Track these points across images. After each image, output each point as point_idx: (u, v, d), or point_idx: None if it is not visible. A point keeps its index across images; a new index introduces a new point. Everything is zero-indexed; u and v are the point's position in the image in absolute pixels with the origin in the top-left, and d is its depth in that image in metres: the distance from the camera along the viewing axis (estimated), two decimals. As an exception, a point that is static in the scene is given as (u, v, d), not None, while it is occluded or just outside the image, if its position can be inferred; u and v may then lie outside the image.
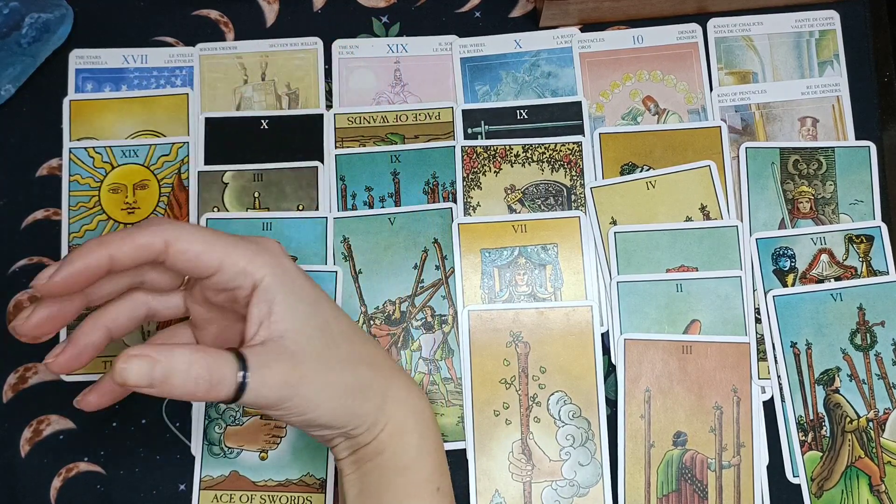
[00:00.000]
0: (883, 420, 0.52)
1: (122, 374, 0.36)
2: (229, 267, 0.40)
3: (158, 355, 0.37)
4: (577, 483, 0.51)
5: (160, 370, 0.36)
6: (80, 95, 0.56)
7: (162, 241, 0.39)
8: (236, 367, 0.38)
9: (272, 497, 0.51)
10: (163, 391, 0.37)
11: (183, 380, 0.37)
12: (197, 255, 0.39)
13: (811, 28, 0.57)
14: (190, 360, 0.37)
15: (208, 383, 0.37)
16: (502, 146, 0.55)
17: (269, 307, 0.40)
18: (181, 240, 0.39)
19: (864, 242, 0.54)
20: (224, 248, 0.40)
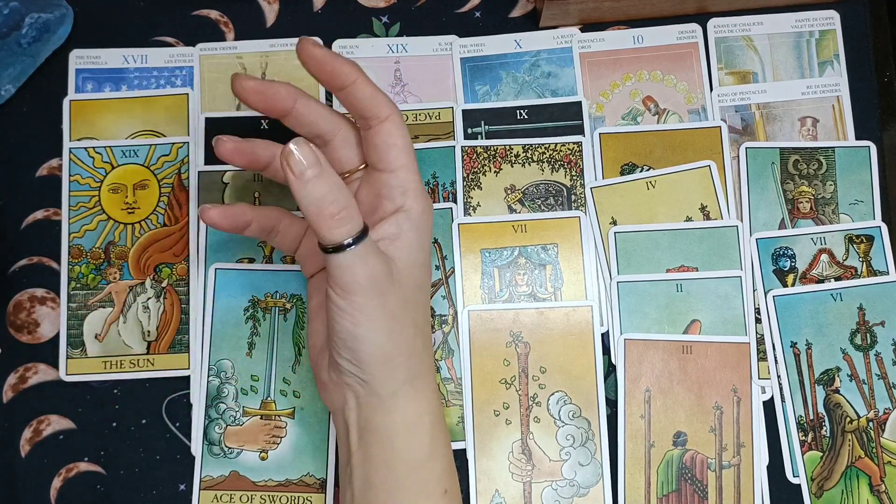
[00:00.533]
0: (883, 420, 0.52)
1: (287, 153, 0.38)
2: (401, 178, 0.43)
3: (324, 162, 0.38)
4: (577, 483, 0.51)
5: (317, 170, 0.38)
6: (80, 95, 0.56)
7: (387, 114, 0.43)
8: (357, 231, 0.39)
9: (272, 497, 0.51)
10: (301, 189, 0.38)
11: (324, 191, 0.38)
12: (392, 145, 0.43)
13: (811, 28, 0.57)
14: (341, 187, 0.39)
15: (337, 211, 0.38)
16: (502, 146, 0.55)
17: (399, 233, 0.43)
18: (397, 125, 0.43)
19: (864, 242, 0.54)
20: (411, 162, 0.43)
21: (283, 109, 0.44)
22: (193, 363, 0.52)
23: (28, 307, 0.54)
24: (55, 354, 0.53)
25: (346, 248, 0.39)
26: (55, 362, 0.52)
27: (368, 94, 0.43)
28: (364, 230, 0.39)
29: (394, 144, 0.43)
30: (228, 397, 0.52)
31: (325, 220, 0.38)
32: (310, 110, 0.45)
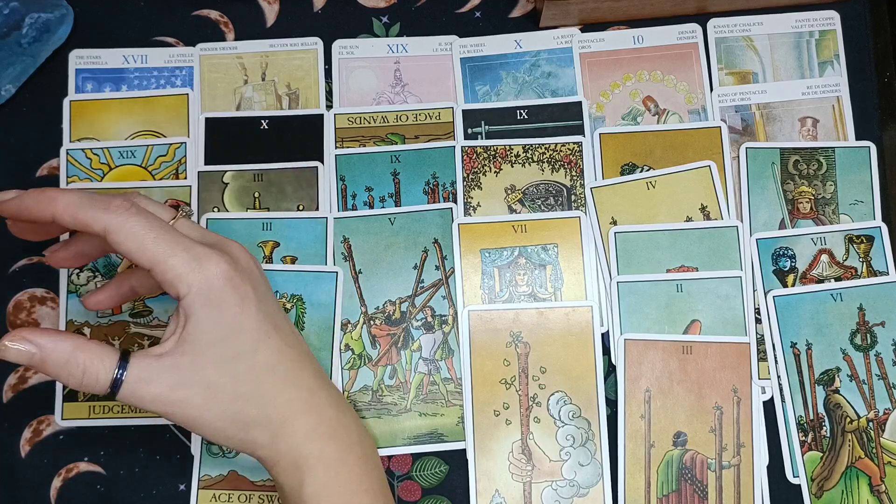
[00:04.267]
0: (883, 420, 0.52)
1: (3, 353, 0.41)
2: (158, 273, 0.41)
3: (43, 342, 0.41)
4: (577, 483, 0.51)
5: (38, 358, 0.41)
6: (80, 95, 0.56)
7: (101, 227, 0.41)
8: (114, 366, 0.41)
9: (270, 497, 0.51)
10: (39, 370, 0.41)
11: (56, 369, 0.41)
12: (128, 251, 0.41)
13: (811, 28, 0.57)
14: (68, 352, 0.41)
15: (79, 380, 0.41)
16: (502, 146, 0.55)
17: (184, 322, 0.42)
18: (117, 233, 0.41)
19: (865, 243, 0.54)
20: (157, 254, 0.41)
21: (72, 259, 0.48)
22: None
23: (28, 307, 0.54)
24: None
25: (119, 386, 0.41)
26: (55, 362, 0.52)
27: (70, 221, 0.42)
28: (122, 361, 0.41)
29: (127, 252, 0.41)
30: (228, 397, 0.52)
31: (79, 387, 0.41)
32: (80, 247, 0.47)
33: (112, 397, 0.41)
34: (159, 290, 0.50)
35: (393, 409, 0.52)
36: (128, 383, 0.41)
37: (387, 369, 0.53)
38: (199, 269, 0.42)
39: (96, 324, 0.53)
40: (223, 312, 0.42)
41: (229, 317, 0.42)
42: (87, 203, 0.42)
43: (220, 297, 0.42)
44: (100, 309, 0.50)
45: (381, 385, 0.52)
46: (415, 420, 0.52)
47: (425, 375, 0.53)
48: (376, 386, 0.52)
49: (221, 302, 0.42)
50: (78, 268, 0.53)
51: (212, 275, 0.42)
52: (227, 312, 0.42)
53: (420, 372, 0.53)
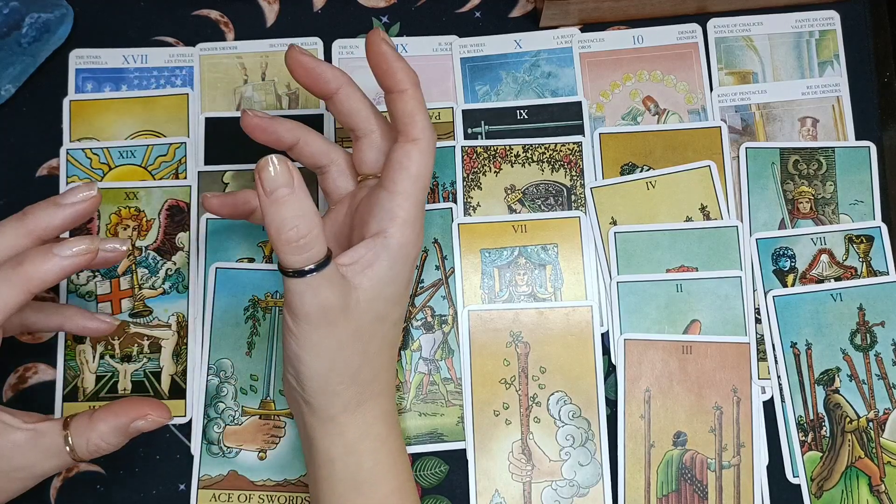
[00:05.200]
0: (883, 420, 0.52)
1: (263, 165, 0.37)
2: (395, 199, 0.42)
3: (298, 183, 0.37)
4: (577, 483, 0.51)
5: (287, 192, 0.37)
6: (80, 95, 0.56)
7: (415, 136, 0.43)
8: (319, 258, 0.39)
9: (270, 497, 0.51)
10: (269, 206, 0.37)
11: (288, 214, 0.37)
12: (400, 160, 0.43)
13: (811, 28, 0.57)
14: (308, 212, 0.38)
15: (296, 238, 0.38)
16: (502, 146, 0.55)
17: (373, 260, 0.42)
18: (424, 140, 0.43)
19: (864, 242, 0.54)
20: (409, 187, 0.42)
21: (328, 91, 0.45)
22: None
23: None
24: (55, 354, 0.52)
25: (302, 276, 0.39)
26: (55, 362, 0.52)
27: (410, 110, 0.43)
28: (325, 260, 0.39)
29: (406, 167, 0.42)
30: (227, 397, 0.52)
31: (283, 244, 0.38)
32: (351, 99, 0.46)
33: (290, 275, 0.39)
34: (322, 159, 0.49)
35: (393, 409, 0.52)
36: (319, 277, 0.39)
37: (387, 369, 0.53)
38: (419, 231, 0.43)
39: (96, 324, 0.53)
40: (401, 278, 0.43)
41: (400, 284, 0.43)
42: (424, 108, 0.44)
43: (408, 265, 0.43)
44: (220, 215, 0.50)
45: (381, 385, 0.52)
46: (415, 420, 0.52)
47: (425, 375, 0.53)
48: (376, 386, 0.52)
49: (405, 269, 0.43)
50: None
51: (419, 242, 0.44)
52: (402, 280, 0.43)
53: (420, 372, 0.53)
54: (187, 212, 0.54)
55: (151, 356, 0.53)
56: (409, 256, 0.43)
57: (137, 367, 0.52)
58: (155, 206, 0.54)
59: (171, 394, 0.52)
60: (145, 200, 0.54)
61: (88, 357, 0.52)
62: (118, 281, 0.54)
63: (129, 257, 0.54)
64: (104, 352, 0.53)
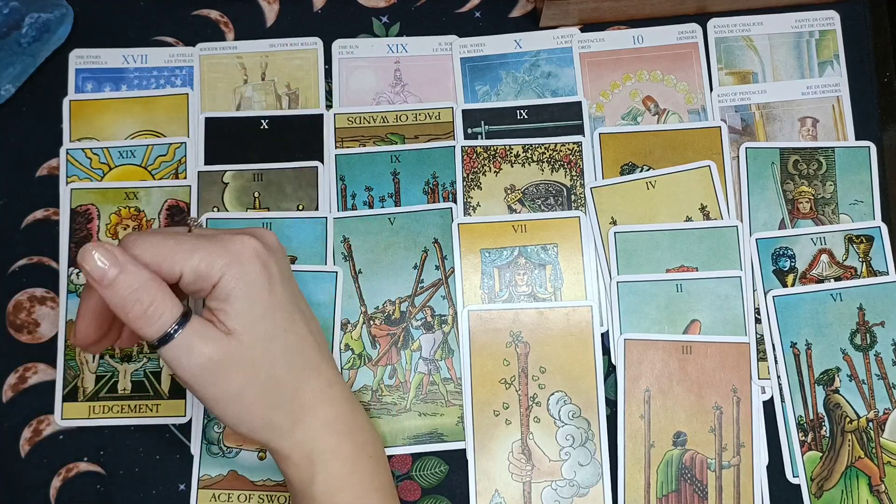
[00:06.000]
0: (883, 420, 0.52)
1: (84, 257, 0.38)
2: (188, 274, 0.41)
3: (123, 262, 0.39)
4: (577, 483, 0.51)
5: (114, 272, 0.38)
6: (80, 95, 0.56)
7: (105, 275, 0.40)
8: (175, 318, 0.39)
9: (270, 497, 0.51)
10: (103, 292, 0.39)
11: (126, 293, 0.39)
12: (155, 265, 0.40)
13: (811, 28, 0.57)
14: (144, 283, 0.39)
15: (143, 311, 0.39)
16: (502, 146, 0.55)
17: (223, 304, 0.41)
18: (141, 255, 0.40)
19: (864, 242, 0.54)
20: (182, 257, 0.40)
21: None
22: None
23: (28, 307, 0.54)
24: (55, 354, 0.52)
25: (167, 341, 0.39)
26: (55, 362, 0.52)
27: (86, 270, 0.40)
28: (182, 318, 0.40)
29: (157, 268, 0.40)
30: (228, 397, 0.52)
31: (134, 321, 0.39)
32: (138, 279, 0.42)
33: (158, 346, 0.40)
34: None
35: (393, 409, 0.52)
36: (185, 335, 0.39)
37: (386, 369, 0.53)
38: (226, 251, 0.42)
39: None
40: (257, 290, 0.42)
41: (262, 294, 0.42)
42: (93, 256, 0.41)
43: (251, 274, 0.42)
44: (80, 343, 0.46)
45: (381, 385, 0.52)
46: (414, 420, 0.52)
47: (425, 375, 0.53)
48: (376, 386, 0.52)
49: (253, 280, 0.42)
50: None
51: (241, 252, 0.42)
52: (259, 290, 0.42)
53: (420, 372, 0.53)
54: (187, 212, 0.54)
55: (151, 356, 0.53)
56: (244, 269, 0.42)
57: (137, 367, 0.52)
58: (155, 205, 0.54)
59: (171, 394, 0.52)
60: (145, 200, 0.54)
61: (88, 357, 0.52)
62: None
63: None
64: (105, 352, 0.53)
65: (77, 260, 0.39)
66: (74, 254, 0.54)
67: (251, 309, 0.42)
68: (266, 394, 0.42)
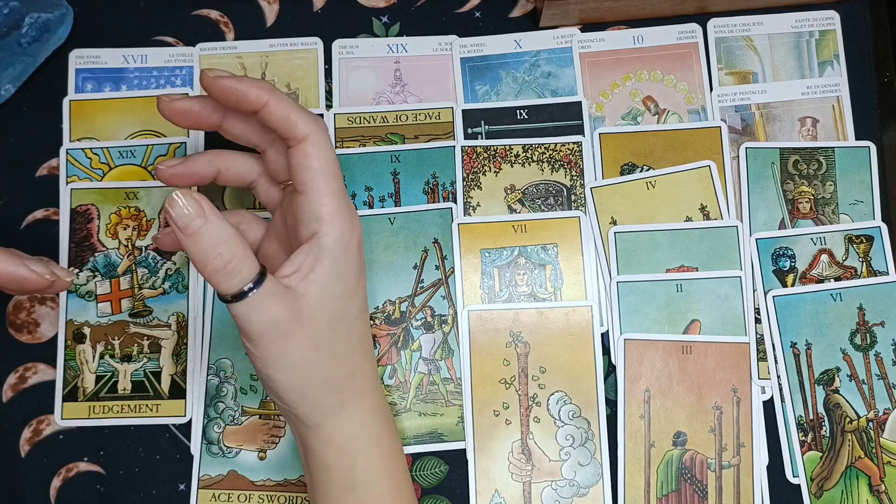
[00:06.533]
0: (883, 420, 0.52)
1: (171, 202, 0.38)
2: (314, 202, 0.41)
3: (209, 212, 0.38)
4: (577, 483, 0.51)
5: (200, 223, 0.38)
6: (80, 95, 0.56)
7: (305, 134, 0.42)
8: (252, 277, 0.39)
9: (270, 497, 0.51)
10: (187, 241, 0.38)
11: (208, 245, 0.38)
12: (308, 167, 0.41)
13: (811, 28, 0.57)
14: (227, 237, 0.39)
15: (223, 265, 0.38)
16: (502, 146, 0.55)
17: (314, 264, 0.41)
18: (316, 145, 0.42)
19: (864, 242, 0.54)
20: (327, 185, 0.42)
21: (211, 124, 0.45)
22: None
23: (28, 307, 0.54)
24: (55, 354, 0.52)
25: (241, 298, 0.39)
26: (55, 362, 0.52)
27: (282, 115, 0.42)
28: (259, 278, 0.39)
29: (308, 166, 0.42)
30: (227, 396, 0.52)
31: (212, 273, 0.39)
32: (236, 124, 0.45)
33: (232, 300, 0.39)
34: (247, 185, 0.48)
35: (393, 409, 0.52)
36: (259, 294, 0.39)
37: (386, 369, 0.53)
38: (349, 220, 0.42)
39: (96, 323, 0.53)
40: (349, 271, 0.42)
41: (350, 277, 0.42)
42: (296, 106, 0.42)
43: (352, 256, 0.42)
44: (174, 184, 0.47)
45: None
46: (414, 420, 0.52)
47: (425, 375, 0.53)
48: (376, 386, 0.52)
49: (350, 261, 0.42)
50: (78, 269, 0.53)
51: (356, 232, 0.43)
52: (350, 272, 0.42)
53: (420, 372, 0.53)
54: (187, 212, 0.54)
55: (151, 356, 0.53)
56: (348, 248, 0.42)
57: (137, 367, 0.52)
58: (155, 205, 0.54)
59: (170, 394, 0.52)
60: (145, 200, 0.54)
61: (88, 357, 0.53)
62: (118, 281, 0.54)
63: (128, 257, 0.54)
64: (104, 352, 0.53)
65: (164, 205, 0.38)
66: (74, 253, 0.54)
67: (336, 284, 0.42)
68: (322, 370, 0.42)
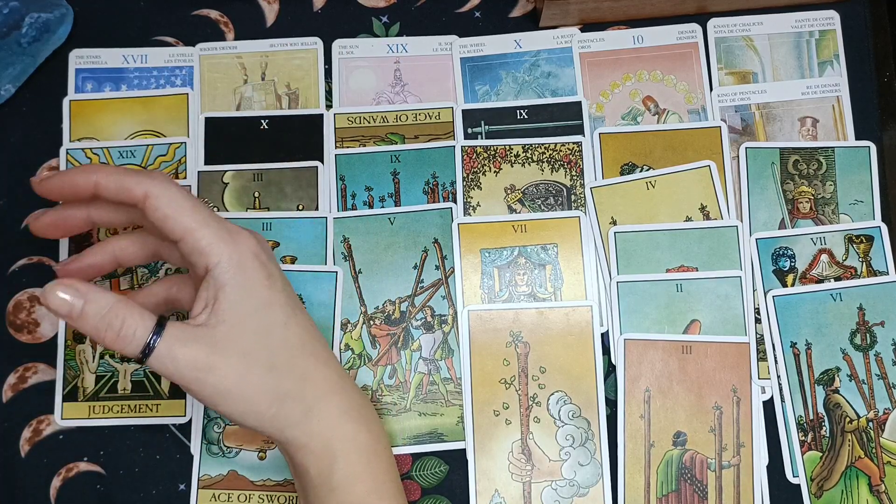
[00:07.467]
0: (883, 420, 0.52)
1: (47, 297, 0.40)
2: (189, 241, 0.41)
3: (85, 291, 0.40)
4: (577, 483, 0.51)
5: (79, 306, 0.40)
6: (80, 95, 0.56)
7: (142, 191, 0.42)
8: (149, 331, 0.40)
9: (270, 497, 0.51)
10: (75, 324, 0.40)
11: (95, 321, 0.40)
12: (165, 217, 0.42)
13: (811, 28, 0.57)
14: (109, 306, 0.40)
15: (115, 334, 0.40)
16: (502, 146, 0.55)
17: (216, 293, 0.42)
18: (158, 197, 0.41)
19: (864, 242, 0.54)
20: (193, 222, 0.41)
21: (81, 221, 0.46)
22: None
23: (28, 307, 0.54)
24: (55, 354, 0.52)
25: (150, 353, 0.40)
26: (55, 362, 0.52)
27: (115, 188, 0.42)
28: (158, 328, 0.40)
29: (163, 217, 0.42)
30: (228, 397, 0.52)
31: (111, 344, 0.40)
32: (98, 211, 0.46)
33: (143, 360, 0.40)
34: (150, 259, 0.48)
35: (392, 409, 0.52)
36: (164, 342, 0.40)
37: (386, 369, 0.53)
38: (232, 240, 0.42)
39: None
40: (254, 285, 0.42)
41: (259, 290, 0.43)
42: (130, 171, 0.43)
43: (251, 270, 0.42)
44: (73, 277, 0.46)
45: (381, 385, 0.52)
46: (414, 420, 0.52)
47: (425, 375, 0.53)
48: (376, 386, 0.52)
49: (251, 275, 0.42)
50: None
51: (244, 248, 0.42)
52: (257, 286, 0.42)
53: (420, 372, 0.53)
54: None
55: (151, 356, 0.53)
56: (242, 264, 0.42)
57: (137, 367, 0.52)
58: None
59: (170, 394, 0.52)
60: (145, 200, 0.54)
61: (88, 357, 0.53)
62: (118, 281, 0.54)
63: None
64: (104, 352, 0.53)
65: (41, 301, 0.40)
66: (74, 253, 0.54)
67: (245, 302, 0.42)
68: (268, 385, 0.42)
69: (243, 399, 0.42)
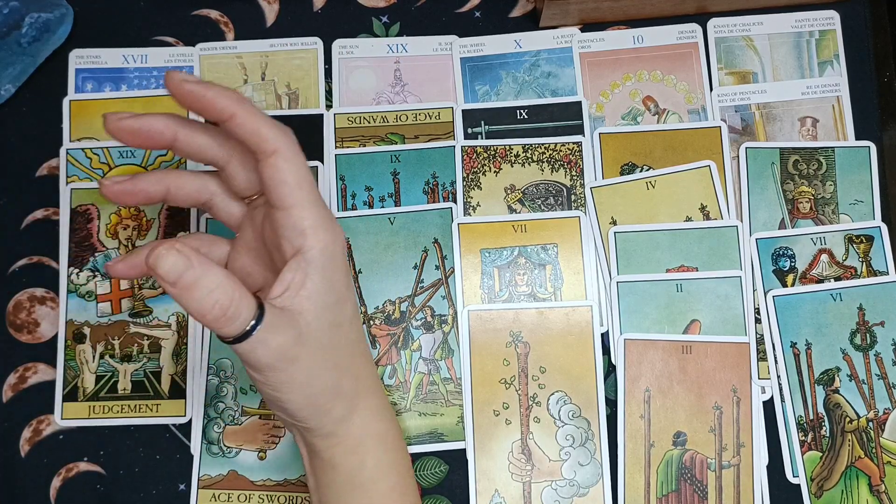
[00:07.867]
0: (883, 420, 0.52)
1: (157, 260, 0.36)
2: (294, 216, 0.40)
3: (196, 261, 0.36)
4: (577, 483, 0.51)
5: (191, 275, 0.36)
6: (80, 95, 0.56)
7: (274, 147, 0.39)
8: (253, 315, 0.38)
9: (270, 497, 0.51)
10: (180, 295, 0.36)
11: (203, 295, 0.36)
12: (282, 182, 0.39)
13: (811, 28, 0.57)
14: (220, 282, 0.37)
15: (223, 313, 0.37)
16: (502, 146, 0.55)
17: (303, 279, 0.40)
18: (288, 160, 0.39)
19: (864, 242, 0.54)
20: (306, 199, 0.40)
21: (163, 144, 0.42)
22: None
23: (28, 307, 0.54)
24: (55, 354, 0.52)
25: (245, 338, 0.38)
26: (55, 362, 0.52)
27: (250, 129, 0.39)
28: (259, 313, 0.38)
29: (283, 181, 0.40)
30: (227, 396, 0.52)
31: (213, 323, 0.37)
32: (193, 140, 0.42)
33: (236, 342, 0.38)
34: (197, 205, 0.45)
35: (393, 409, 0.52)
36: (259, 334, 0.38)
37: (386, 369, 0.53)
38: (332, 229, 0.41)
39: (96, 323, 0.53)
40: (338, 278, 0.41)
41: (340, 285, 0.42)
42: (269, 120, 0.40)
43: (339, 263, 0.41)
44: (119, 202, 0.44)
45: (381, 385, 0.52)
46: (414, 420, 0.52)
47: (425, 375, 0.53)
48: (376, 386, 0.52)
49: (338, 268, 0.41)
50: (77, 268, 0.53)
51: (340, 239, 0.41)
52: (340, 280, 0.42)
53: (420, 372, 0.53)
54: (187, 212, 0.54)
55: (151, 356, 0.53)
56: (334, 256, 0.41)
57: (137, 367, 0.52)
58: (155, 206, 0.54)
59: (170, 394, 0.52)
60: (145, 200, 0.54)
61: (88, 357, 0.53)
62: (118, 281, 0.54)
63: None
64: (104, 352, 0.53)
65: (147, 262, 0.36)
66: (74, 253, 0.54)
67: (327, 294, 0.41)
68: (330, 382, 0.42)
69: (307, 392, 0.41)
